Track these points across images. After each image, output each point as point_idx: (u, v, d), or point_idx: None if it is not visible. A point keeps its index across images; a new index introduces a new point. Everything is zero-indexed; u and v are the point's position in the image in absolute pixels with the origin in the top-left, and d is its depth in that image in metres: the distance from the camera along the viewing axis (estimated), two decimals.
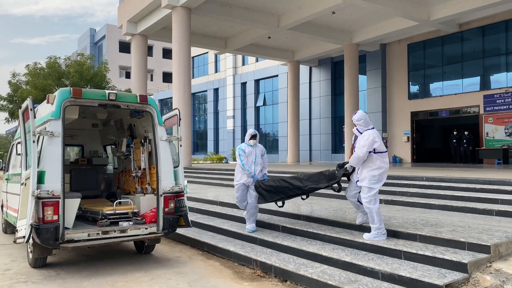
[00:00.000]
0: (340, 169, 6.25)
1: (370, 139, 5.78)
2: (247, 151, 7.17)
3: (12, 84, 23.83)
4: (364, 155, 5.79)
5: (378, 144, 5.81)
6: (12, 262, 6.51)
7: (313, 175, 6.50)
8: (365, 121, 5.98)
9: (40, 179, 5.57)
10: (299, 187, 6.55)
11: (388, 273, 4.90)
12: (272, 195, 6.83)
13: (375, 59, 24.48)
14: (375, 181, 5.83)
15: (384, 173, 5.90)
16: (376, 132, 5.90)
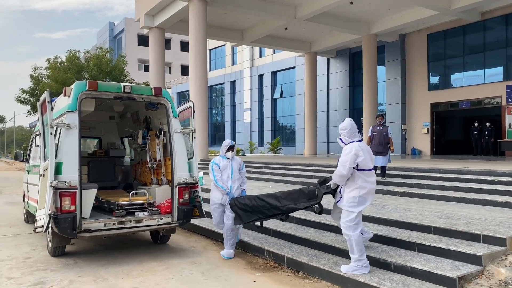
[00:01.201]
0: (321, 187, 5.34)
1: (351, 153, 4.88)
2: (222, 165, 6.35)
3: (34, 78, 24.34)
4: (348, 172, 4.88)
5: (361, 159, 4.89)
6: (33, 250, 6.71)
7: (292, 193, 5.72)
8: (350, 132, 5.03)
9: (58, 170, 5.71)
10: (277, 207, 5.73)
11: (400, 265, 4.87)
12: (249, 215, 5.99)
13: (394, 49, 24.08)
14: (354, 204, 4.94)
15: (367, 195, 5.00)
16: (361, 145, 5.00)
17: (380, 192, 9.08)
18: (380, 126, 10.17)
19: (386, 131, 10.05)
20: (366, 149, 5.01)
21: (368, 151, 5.04)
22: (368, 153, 4.99)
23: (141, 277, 5.36)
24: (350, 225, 4.93)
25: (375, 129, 10.25)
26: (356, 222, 4.94)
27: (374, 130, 10.23)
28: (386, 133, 10.01)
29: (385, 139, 9.99)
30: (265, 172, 14.04)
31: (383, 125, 10.23)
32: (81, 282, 5.15)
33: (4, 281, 5.18)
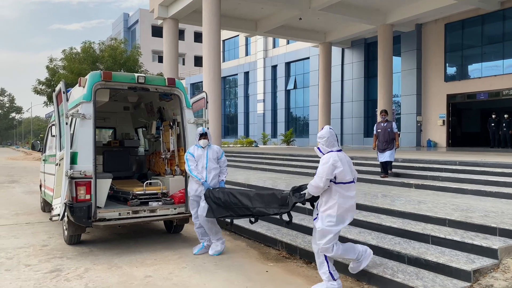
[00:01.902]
0: (293, 196, 4.85)
1: (329, 164, 4.33)
2: (197, 154, 6.04)
3: (50, 69, 24.65)
4: (324, 184, 4.35)
5: (339, 171, 4.33)
6: (49, 238, 6.84)
7: (265, 196, 5.31)
8: (328, 140, 4.50)
9: (73, 159, 5.79)
10: (248, 207, 5.36)
11: (414, 257, 4.83)
12: (221, 210, 5.62)
13: (410, 40, 23.69)
14: (332, 223, 4.39)
15: (346, 212, 4.44)
16: (340, 155, 4.45)
17: (394, 184, 9.01)
18: (384, 123, 9.88)
19: (390, 127, 9.73)
20: (345, 159, 4.47)
21: (348, 162, 4.49)
22: (347, 164, 4.45)
23: (155, 266, 5.42)
24: (328, 247, 4.45)
25: (379, 126, 9.96)
26: (333, 243, 4.46)
27: (378, 127, 9.95)
28: (390, 129, 9.68)
29: (390, 135, 9.65)
30: (278, 163, 14.04)
31: (387, 121, 9.94)
32: (96, 270, 5.23)
33: (22, 268, 5.30)
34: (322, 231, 4.44)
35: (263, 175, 12.28)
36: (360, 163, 11.67)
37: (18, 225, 7.91)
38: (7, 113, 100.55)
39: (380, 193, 7.95)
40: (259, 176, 11.89)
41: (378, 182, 9.37)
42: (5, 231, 7.37)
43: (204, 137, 6.08)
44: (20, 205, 10.20)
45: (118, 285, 4.72)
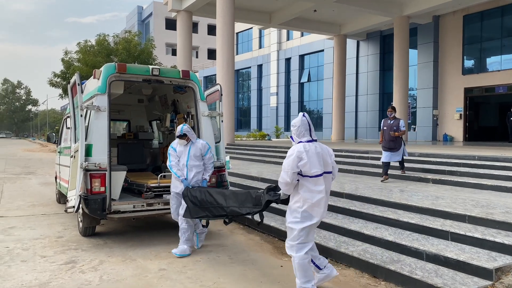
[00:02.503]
0: (267, 194, 4.56)
1: (292, 156, 4.02)
2: (179, 150, 5.82)
3: (65, 61, 24.84)
4: (291, 179, 4.01)
5: (303, 163, 3.98)
6: (64, 230, 6.88)
7: (239, 195, 5.12)
8: (298, 130, 4.15)
9: (88, 152, 5.79)
10: (222, 207, 5.13)
11: (433, 254, 4.71)
12: (197, 210, 5.38)
13: (427, 32, 23.23)
14: (297, 219, 4.07)
15: (312, 208, 4.03)
16: (308, 146, 4.08)
17: (411, 179, 8.86)
18: (391, 120, 9.02)
19: (397, 124, 8.85)
20: (313, 151, 4.05)
21: (317, 154, 4.06)
22: (315, 156, 4.03)
23: (169, 259, 5.41)
24: (292, 245, 4.10)
25: (385, 122, 9.12)
26: (300, 241, 4.07)
27: (385, 124, 9.13)
28: (397, 127, 8.82)
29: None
30: None
31: (395, 118, 9.06)
32: (111, 262, 5.24)
33: (38, 259, 5.33)
34: (287, 228, 4.18)
35: (276, 168, 12.20)
36: (374, 157, 11.49)
37: (34, 216, 7.98)
38: (23, 105, 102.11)
39: (396, 188, 7.82)
40: (273, 169, 11.81)
41: (394, 177, 9.22)
42: (21, 222, 7.45)
43: (182, 138, 5.79)
44: (36, 196, 10.31)
45: (132, 278, 4.71)
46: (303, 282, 4.12)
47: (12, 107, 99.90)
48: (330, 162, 4.19)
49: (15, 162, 21.54)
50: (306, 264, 4.12)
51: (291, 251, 4.14)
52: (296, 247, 4.09)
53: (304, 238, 4.09)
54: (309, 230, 4.13)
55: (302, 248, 4.09)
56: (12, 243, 6.05)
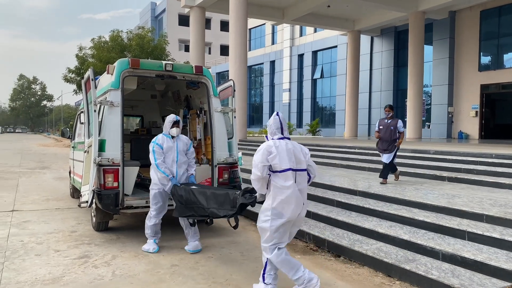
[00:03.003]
0: (240, 197, 4.41)
1: (262, 150, 3.94)
2: (166, 146, 5.56)
3: (79, 57, 25.04)
4: (262, 172, 3.89)
5: (272, 156, 3.90)
6: (78, 224, 6.93)
7: (219, 196, 4.90)
8: (270, 129, 4.12)
9: (101, 147, 5.80)
10: (203, 208, 4.98)
11: (449, 253, 4.62)
12: (183, 210, 5.25)
13: (442, 27, 22.88)
14: (268, 217, 3.94)
15: (283, 205, 3.89)
16: (278, 142, 4.00)
17: (426, 176, 8.73)
18: (388, 119, 8.32)
19: (394, 125, 8.20)
20: (283, 147, 3.97)
21: (287, 150, 3.97)
22: (285, 152, 3.94)
23: (182, 255, 5.40)
24: (266, 247, 4.00)
25: (382, 122, 8.43)
26: (274, 243, 3.97)
27: (381, 124, 8.43)
28: (394, 127, 8.18)
29: (392, 134, 8.17)
30: None
31: (392, 117, 8.35)
32: (123, 257, 5.25)
33: (51, 253, 5.36)
34: (259, 228, 4.07)
35: None
36: None
37: (48, 210, 8.06)
38: (39, 101, 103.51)
39: (411, 186, 7.70)
40: None
41: (409, 175, 9.09)
42: (36, 216, 7.52)
43: (176, 125, 5.61)
44: (50, 191, 10.41)
45: (144, 274, 4.71)
46: (293, 274, 4.01)
47: (28, 102, 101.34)
48: (303, 159, 4.08)
49: (30, 156, 21.84)
50: (286, 257, 4.01)
51: (266, 253, 4.04)
52: (270, 249, 4.00)
53: (278, 240, 3.98)
54: (283, 231, 3.98)
55: (274, 249, 4.00)
56: (27, 237, 6.10)
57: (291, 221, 4.00)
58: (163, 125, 5.79)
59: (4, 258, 5.13)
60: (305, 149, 4.19)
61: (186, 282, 4.49)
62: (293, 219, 3.99)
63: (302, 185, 4.03)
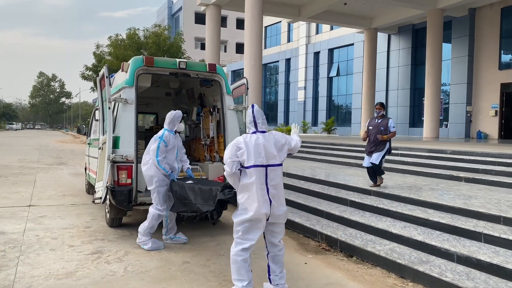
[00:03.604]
0: (219, 193, 4.36)
1: (231, 145, 3.91)
2: (171, 143, 5.63)
3: (96, 55, 25.39)
4: (231, 168, 3.83)
5: (241, 152, 3.83)
6: (92, 220, 7.01)
7: (205, 191, 4.85)
8: (247, 121, 4.06)
9: (115, 144, 5.85)
10: (191, 204, 4.99)
11: (464, 256, 4.52)
12: (178, 205, 5.28)
13: (462, 25, 22.43)
14: (237, 212, 3.92)
15: (248, 201, 3.81)
16: (248, 137, 3.91)
17: (442, 177, 8.58)
18: (379, 119, 7.53)
19: (385, 125, 7.37)
20: (253, 142, 3.85)
21: (256, 145, 3.84)
22: (254, 147, 3.82)
23: (193, 252, 5.42)
24: (234, 237, 3.93)
25: (372, 122, 7.66)
26: (238, 236, 3.88)
27: (370, 124, 7.66)
28: (384, 127, 7.35)
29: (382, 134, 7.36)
30: (318, 152, 13.77)
31: (383, 116, 7.55)
32: (136, 253, 5.29)
33: (66, 248, 5.44)
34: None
35: (302, 164, 12.09)
36: (405, 154, 11.22)
37: (64, 206, 8.18)
38: (57, 98, 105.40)
39: (427, 186, 7.58)
40: (298, 164, 11.70)
41: (425, 175, 8.95)
42: (52, 211, 7.64)
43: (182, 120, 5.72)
44: (66, 186, 10.57)
45: (156, 270, 4.73)
46: (234, 279, 3.90)
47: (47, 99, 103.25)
48: (276, 154, 3.89)
49: (48, 152, 22.22)
50: (239, 261, 3.84)
51: (234, 245, 3.94)
52: (234, 242, 3.92)
53: (242, 234, 3.86)
54: (249, 227, 3.83)
55: (239, 245, 3.87)
56: (42, 231, 6.20)
57: (259, 220, 3.82)
58: (169, 121, 5.74)
59: (19, 252, 5.22)
60: (282, 139, 4.00)
61: (197, 280, 4.50)
62: (260, 218, 3.81)
63: (275, 180, 3.87)
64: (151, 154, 5.50)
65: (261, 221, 3.84)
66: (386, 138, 7.32)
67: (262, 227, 3.88)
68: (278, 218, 3.92)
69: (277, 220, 3.93)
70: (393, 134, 7.38)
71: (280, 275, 4.05)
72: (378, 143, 7.39)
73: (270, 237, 4.02)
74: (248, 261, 3.89)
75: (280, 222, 3.98)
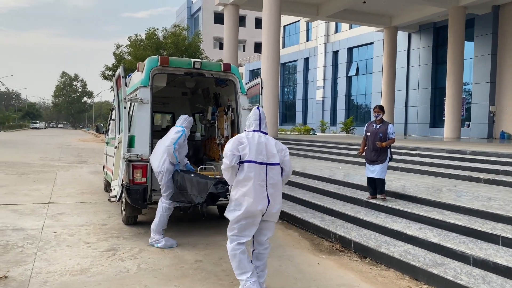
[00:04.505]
0: (212, 187, 4.47)
1: (233, 140, 3.99)
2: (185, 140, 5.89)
3: (116, 55, 25.78)
4: (231, 161, 3.86)
5: (243, 146, 3.92)
6: (109, 218, 7.13)
7: (201, 183, 4.94)
8: (249, 121, 4.15)
9: (131, 143, 5.93)
10: (187, 194, 5.11)
11: (481, 259, 4.42)
12: (177, 194, 5.45)
13: (485, 23, 21.94)
14: (231, 207, 3.94)
15: (244, 196, 3.85)
16: (251, 134, 4.01)
17: (461, 178, 8.40)
18: (377, 124, 6.91)
19: (384, 130, 6.76)
20: (256, 139, 3.95)
21: (258, 143, 3.93)
22: (256, 144, 3.91)
23: (206, 251, 5.44)
24: (228, 235, 3.99)
25: (370, 127, 7.00)
26: (233, 233, 3.95)
27: (368, 129, 7.02)
28: (384, 133, 6.74)
29: (381, 141, 6.73)
30: (335, 152, 13.66)
31: (382, 121, 6.93)
32: (149, 251, 5.35)
33: (82, 245, 5.54)
34: (226, 216, 4.03)
35: (319, 163, 12.01)
36: (424, 155, 11.03)
37: (82, 203, 8.33)
38: (79, 97, 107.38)
39: (444, 187, 7.44)
40: (316, 164, 11.63)
41: (443, 176, 8.78)
42: (70, 208, 7.79)
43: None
44: (85, 184, 10.77)
45: (168, 268, 4.78)
46: (237, 274, 3.97)
47: (69, 99, 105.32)
48: (276, 153, 3.98)
49: (69, 151, 22.69)
50: (238, 254, 3.91)
51: (228, 241, 4.01)
52: (230, 239, 3.98)
53: (238, 232, 3.92)
54: (245, 224, 3.89)
55: (235, 240, 3.95)
56: (60, 228, 6.33)
57: (254, 216, 3.87)
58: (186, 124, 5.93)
59: (37, 248, 5.34)
60: (281, 146, 4.13)
61: (208, 278, 4.52)
62: (255, 214, 3.86)
63: (274, 179, 3.94)
64: (169, 142, 5.59)
65: (256, 217, 3.90)
66: (385, 145, 6.71)
67: (257, 223, 3.95)
68: (271, 216, 3.99)
69: (270, 218, 4.00)
70: (392, 141, 6.78)
71: (260, 274, 4.10)
72: (378, 150, 6.77)
73: (259, 235, 4.07)
74: (246, 252, 3.97)
75: (272, 220, 4.06)
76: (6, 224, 6.47)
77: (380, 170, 6.73)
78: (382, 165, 6.73)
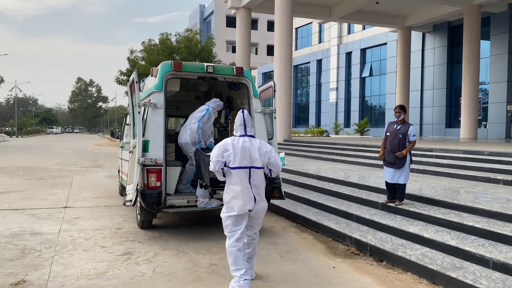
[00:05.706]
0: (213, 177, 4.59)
1: (218, 146, 4.23)
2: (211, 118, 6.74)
3: (130, 60, 26.05)
4: (215, 167, 4.17)
5: (228, 153, 4.16)
6: (124, 222, 7.18)
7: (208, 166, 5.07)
8: (235, 125, 4.36)
9: (145, 147, 5.96)
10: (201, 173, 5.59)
11: (501, 262, 4.32)
12: (197, 172, 6.09)
13: (501, 21, 21.58)
14: (224, 209, 4.29)
15: (233, 200, 4.17)
16: (236, 139, 4.23)
17: (478, 179, 8.25)
18: (398, 124, 6.63)
19: (404, 132, 6.49)
20: (240, 145, 4.18)
21: (243, 148, 4.17)
22: (240, 150, 4.15)
23: (220, 254, 5.43)
24: (225, 233, 4.29)
25: (390, 127, 6.75)
26: (228, 231, 4.25)
27: (388, 129, 6.77)
28: (404, 135, 6.47)
29: (400, 144, 6.48)
30: (349, 154, 13.56)
31: (404, 122, 6.66)
32: (164, 255, 5.37)
33: (97, 249, 5.59)
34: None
35: (333, 166, 11.93)
36: (440, 156, 10.88)
37: (98, 207, 8.42)
38: (95, 102, 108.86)
39: (462, 189, 7.31)
40: (330, 167, 11.56)
41: (460, 177, 8.64)
42: (86, 212, 7.88)
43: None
44: (101, 188, 10.89)
45: (183, 272, 4.79)
46: (232, 269, 4.21)
47: (85, 104, 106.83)
48: (258, 158, 4.23)
49: (85, 156, 22.98)
50: (235, 252, 4.19)
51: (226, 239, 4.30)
52: (227, 237, 4.29)
53: (232, 227, 4.24)
54: (235, 220, 4.23)
55: (232, 237, 4.24)
56: (76, 232, 6.41)
57: (244, 215, 4.24)
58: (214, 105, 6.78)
59: (54, 252, 5.41)
60: (266, 148, 4.35)
61: (223, 282, 4.51)
62: (244, 214, 4.22)
63: (257, 181, 4.25)
64: (194, 120, 6.28)
65: (244, 216, 4.27)
66: (405, 153, 6.43)
67: (246, 219, 4.30)
68: (258, 213, 4.34)
69: (257, 215, 4.35)
70: (412, 144, 6.50)
71: (249, 260, 4.44)
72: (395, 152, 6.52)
73: (248, 229, 4.42)
74: (242, 250, 4.25)
75: (259, 217, 4.40)
76: (24, 229, 6.57)
77: (401, 175, 6.51)
78: (402, 170, 6.50)
